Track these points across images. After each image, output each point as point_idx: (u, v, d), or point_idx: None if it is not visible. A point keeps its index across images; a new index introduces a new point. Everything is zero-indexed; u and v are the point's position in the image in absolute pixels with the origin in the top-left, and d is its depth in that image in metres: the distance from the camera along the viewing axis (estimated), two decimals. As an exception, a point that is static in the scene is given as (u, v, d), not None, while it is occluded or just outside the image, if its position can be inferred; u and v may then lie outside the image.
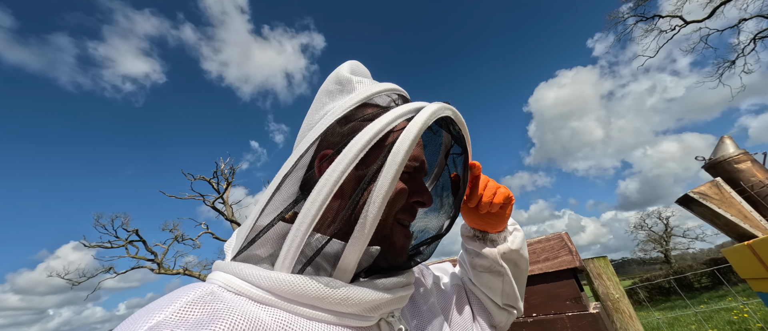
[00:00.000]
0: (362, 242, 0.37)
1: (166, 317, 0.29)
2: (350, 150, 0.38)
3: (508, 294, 0.63)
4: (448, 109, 0.45)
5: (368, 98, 0.46)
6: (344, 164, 0.37)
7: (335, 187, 0.37)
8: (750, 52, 12.86)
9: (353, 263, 0.38)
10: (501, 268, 0.60)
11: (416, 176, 0.48)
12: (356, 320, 0.39)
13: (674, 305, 11.06)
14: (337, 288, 0.37)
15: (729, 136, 1.87)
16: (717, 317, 6.75)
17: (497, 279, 0.62)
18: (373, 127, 0.40)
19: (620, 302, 1.63)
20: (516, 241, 0.62)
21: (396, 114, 0.41)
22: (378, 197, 0.37)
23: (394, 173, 0.38)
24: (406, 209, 0.45)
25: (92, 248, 15.59)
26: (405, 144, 0.38)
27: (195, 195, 16.67)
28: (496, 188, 0.56)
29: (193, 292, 0.33)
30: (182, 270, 16.36)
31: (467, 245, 0.65)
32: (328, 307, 0.37)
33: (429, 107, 0.42)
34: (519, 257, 0.62)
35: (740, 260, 1.64)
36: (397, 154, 0.38)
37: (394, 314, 0.44)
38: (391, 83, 0.51)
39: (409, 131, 0.39)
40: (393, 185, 0.38)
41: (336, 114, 0.44)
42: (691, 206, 1.79)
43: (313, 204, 0.36)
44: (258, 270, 0.36)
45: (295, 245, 0.36)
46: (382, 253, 0.43)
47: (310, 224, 0.36)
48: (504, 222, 0.60)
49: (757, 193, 1.61)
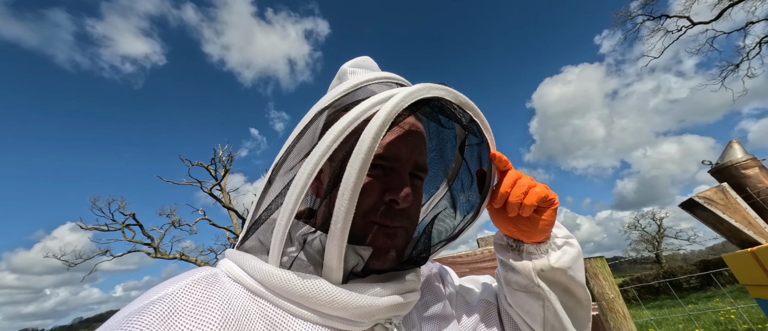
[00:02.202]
0: (338, 238, 0.35)
1: (174, 290, 0.33)
2: (323, 141, 0.36)
3: (552, 326, 0.50)
4: (440, 90, 0.40)
5: (356, 87, 0.42)
6: (317, 156, 0.35)
7: (309, 180, 0.35)
8: (755, 56, 12.80)
9: (336, 262, 0.36)
10: (539, 289, 0.48)
11: (399, 170, 0.42)
12: (345, 324, 0.37)
13: (662, 304, 11.31)
14: (322, 289, 0.35)
15: (737, 141, 1.85)
16: (704, 317, 6.91)
17: (536, 303, 0.49)
18: (347, 116, 0.36)
19: (615, 303, 1.63)
20: (564, 258, 0.48)
21: (372, 101, 0.37)
22: (346, 189, 0.34)
23: (360, 163, 0.34)
24: (378, 207, 0.40)
25: (89, 230, 15.58)
26: (371, 131, 0.34)
27: (192, 181, 16.61)
28: (528, 186, 0.45)
29: (201, 272, 0.36)
30: (179, 255, 16.44)
31: (499, 255, 0.54)
32: (313, 307, 0.36)
33: (404, 90, 0.37)
34: (568, 279, 0.48)
35: (742, 266, 1.65)
36: (363, 142, 0.34)
37: (392, 321, 0.40)
38: (388, 72, 0.46)
39: (378, 117, 0.35)
40: (361, 177, 0.34)
41: (321, 105, 0.42)
42: (695, 210, 1.78)
43: (290, 198, 0.36)
44: (254, 261, 0.38)
45: (278, 239, 0.37)
46: (361, 255, 0.39)
47: (288, 218, 0.36)
48: (543, 230, 0.47)
49: (764, 200, 1.61)
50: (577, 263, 0.50)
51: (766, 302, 1.61)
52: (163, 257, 16.09)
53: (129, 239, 15.97)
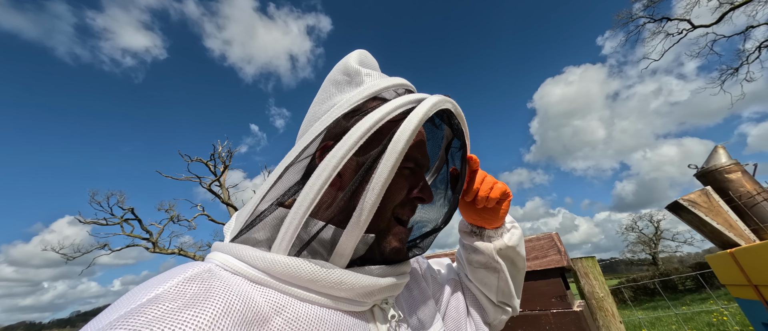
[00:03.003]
0: (359, 229, 0.38)
1: (164, 290, 0.30)
2: (350, 137, 0.38)
3: (503, 291, 0.63)
4: (449, 102, 0.45)
5: (377, 93, 0.45)
6: (344, 150, 0.38)
7: (334, 172, 0.37)
8: (754, 60, 12.82)
9: (350, 249, 0.39)
10: (496, 264, 0.61)
11: (418, 171, 0.48)
12: (350, 305, 0.40)
13: (657, 306, 11.39)
14: (331, 271, 0.37)
15: (722, 146, 1.90)
16: (697, 319, 6.97)
17: (492, 275, 0.62)
18: (373, 115, 0.40)
19: (604, 301, 1.69)
20: (513, 238, 0.62)
21: (397, 104, 0.42)
22: (377, 184, 0.37)
23: (394, 160, 0.38)
24: (405, 204, 0.46)
25: (87, 224, 15.61)
26: (406, 133, 0.38)
27: (191, 177, 16.62)
28: (493, 183, 0.56)
29: (191, 269, 0.34)
30: (177, 250, 16.48)
31: (464, 240, 0.65)
32: (321, 290, 0.38)
33: (431, 98, 0.43)
34: (515, 254, 0.62)
35: (722, 266, 1.70)
36: (398, 142, 0.38)
37: (387, 301, 0.45)
38: (400, 78, 0.50)
39: (411, 121, 0.39)
40: (392, 173, 0.38)
41: (343, 108, 0.44)
42: (680, 212, 1.83)
43: (311, 188, 0.37)
44: (255, 251, 0.37)
45: (293, 228, 0.37)
46: (378, 246, 0.43)
47: (308, 207, 0.37)
48: (501, 218, 0.59)
49: (745, 203, 1.65)
50: (521, 241, 0.64)
51: (745, 302, 1.66)
52: (161, 252, 16.15)
53: (128, 234, 16.01)
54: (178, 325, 0.26)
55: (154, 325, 0.26)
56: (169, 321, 0.26)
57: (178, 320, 0.27)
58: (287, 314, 0.34)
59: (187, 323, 0.27)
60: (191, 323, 0.27)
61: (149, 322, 0.26)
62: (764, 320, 1.55)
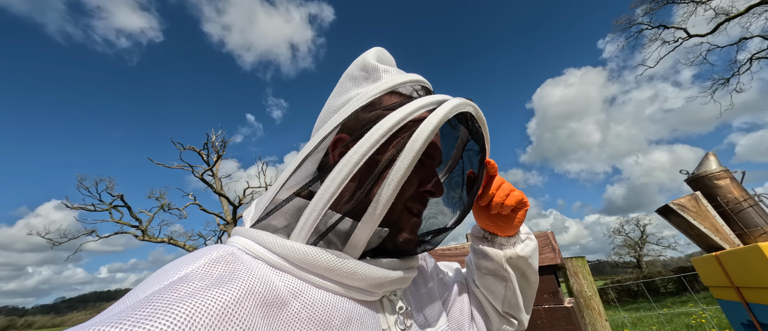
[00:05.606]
0: (373, 222, 0.40)
1: (193, 269, 0.33)
2: (372, 135, 0.40)
3: (510, 302, 0.61)
4: (470, 106, 0.46)
5: (394, 88, 0.46)
6: (366, 147, 0.39)
7: (356, 168, 0.39)
8: (745, 71, 13.12)
9: (363, 241, 0.41)
10: (505, 273, 0.59)
11: (429, 165, 0.49)
12: (361, 294, 0.42)
13: (639, 307, 11.75)
14: (346, 262, 0.39)
15: (713, 153, 1.95)
16: (677, 321, 7.22)
17: (500, 284, 0.61)
18: (396, 114, 0.41)
19: (592, 300, 1.74)
20: (526, 249, 0.60)
21: (419, 104, 0.43)
22: (393, 180, 0.39)
23: (411, 159, 0.39)
24: (416, 197, 0.47)
25: (75, 209, 15.29)
26: (424, 134, 0.40)
27: (184, 165, 16.39)
28: (510, 190, 0.55)
29: (216, 251, 0.36)
30: (167, 239, 16.30)
31: (475, 245, 0.64)
32: (336, 278, 0.40)
33: (452, 101, 0.44)
34: (527, 266, 0.60)
35: (706, 269, 1.76)
36: (415, 142, 0.39)
37: (396, 293, 0.47)
38: (417, 74, 0.51)
39: (430, 122, 0.40)
40: (408, 171, 0.39)
41: (361, 101, 0.45)
42: (669, 215, 1.88)
43: (333, 182, 0.39)
44: (275, 238, 0.39)
45: (312, 219, 0.39)
46: (390, 237, 0.45)
47: (328, 200, 0.39)
48: (515, 227, 0.58)
49: (731, 209, 1.71)
50: (534, 254, 0.62)
51: (726, 302, 1.73)
52: (151, 240, 15.94)
53: (116, 221, 15.75)
54: (208, 301, 0.29)
55: (186, 300, 0.28)
56: (199, 297, 0.29)
57: (207, 297, 0.29)
58: (304, 298, 0.36)
59: (215, 299, 0.29)
60: (219, 300, 0.29)
61: (182, 298, 0.28)
62: (743, 320, 1.62)
